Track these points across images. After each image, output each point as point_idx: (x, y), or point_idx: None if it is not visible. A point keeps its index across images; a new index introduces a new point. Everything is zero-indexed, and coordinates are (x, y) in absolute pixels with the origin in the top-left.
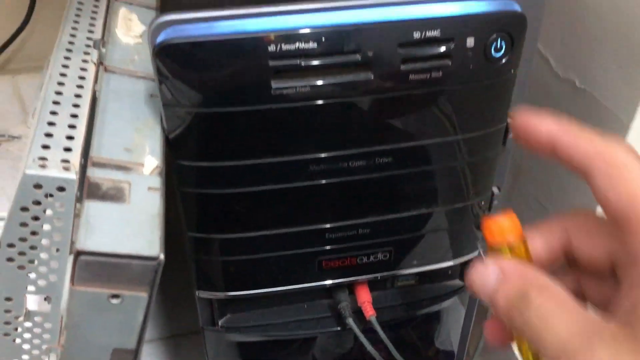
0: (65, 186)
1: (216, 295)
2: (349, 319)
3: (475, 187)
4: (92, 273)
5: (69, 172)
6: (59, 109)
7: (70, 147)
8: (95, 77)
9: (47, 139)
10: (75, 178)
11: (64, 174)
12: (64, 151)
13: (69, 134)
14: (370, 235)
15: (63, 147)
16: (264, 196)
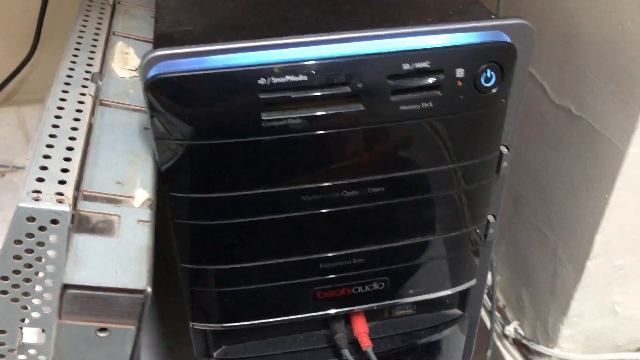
0: (59, 219)
1: (211, 327)
2: (345, 350)
3: (470, 216)
4: (79, 306)
5: (62, 204)
6: (55, 142)
7: (65, 180)
8: (92, 110)
9: (42, 172)
10: (69, 210)
11: (58, 207)
12: (58, 184)
13: (64, 167)
14: (365, 265)
15: (58, 180)
16: (257, 227)
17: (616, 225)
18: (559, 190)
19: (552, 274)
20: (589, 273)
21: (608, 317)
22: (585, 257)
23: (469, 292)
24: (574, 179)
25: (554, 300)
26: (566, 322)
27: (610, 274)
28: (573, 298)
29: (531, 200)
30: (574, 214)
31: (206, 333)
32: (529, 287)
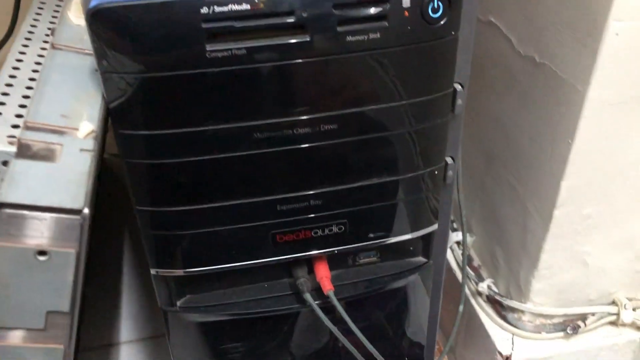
0: (9, 160)
1: (172, 273)
2: (307, 294)
3: (427, 156)
4: (15, 228)
5: (13, 146)
6: (12, 90)
7: (19, 124)
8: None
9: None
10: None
11: (8, 148)
12: (11, 128)
13: (19, 113)
14: (323, 207)
15: (11, 125)
16: (209, 166)
17: (581, 171)
18: (527, 142)
19: (523, 227)
20: (557, 223)
21: (578, 269)
22: (552, 206)
23: (432, 239)
24: (539, 128)
25: (525, 254)
26: (537, 275)
27: (579, 223)
28: (543, 250)
29: (502, 156)
30: (540, 163)
31: (169, 281)
32: (502, 244)
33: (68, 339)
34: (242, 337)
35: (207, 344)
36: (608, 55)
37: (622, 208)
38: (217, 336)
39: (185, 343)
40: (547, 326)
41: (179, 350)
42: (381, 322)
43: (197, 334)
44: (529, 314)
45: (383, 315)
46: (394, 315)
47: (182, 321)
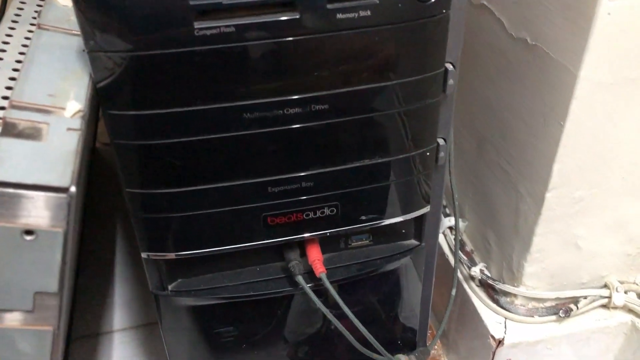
0: None
1: (163, 256)
2: (299, 276)
3: (418, 137)
4: (1, 207)
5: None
6: None
7: (4, 106)
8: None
9: None
10: None
11: None
12: None
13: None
14: (315, 189)
15: None
16: (199, 147)
17: (573, 153)
18: (518, 125)
19: (515, 211)
20: (549, 206)
21: (571, 253)
22: (544, 188)
23: (425, 221)
24: (531, 111)
25: (517, 237)
26: (529, 259)
27: (571, 206)
28: (535, 233)
29: (494, 140)
30: (532, 146)
31: (160, 265)
32: (495, 228)
33: (57, 320)
34: (235, 321)
35: (200, 328)
36: (600, 36)
37: (614, 191)
38: (209, 320)
39: (178, 328)
40: (540, 310)
41: (172, 336)
42: (373, 305)
43: (189, 318)
44: (522, 297)
45: (375, 299)
46: (386, 298)
47: (173, 305)
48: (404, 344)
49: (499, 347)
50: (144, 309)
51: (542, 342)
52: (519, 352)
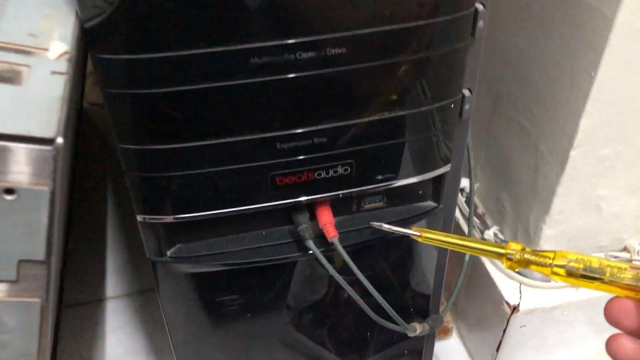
0: None
1: (161, 219)
2: (309, 241)
3: (443, 87)
4: None
5: None
6: None
7: None
8: None
9: None
10: None
11: None
12: None
13: None
14: (328, 146)
15: None
16: (200, 97)
17: (602, 107)
18: (541, 77)
19: (534, 170)
20: (572, 165)
21: (592, 214)
22: (569, 146)
23: (444, 181)
24: (556, 61)
25: (536, 199)
26: (548, 221)
27: (595, 166)
28: (555, 194)
29: (512, 94)
30: (556, 100)
31: (157, 229)
32: (510, 189)
33: (45, 291)
34: (239, 289)
35: (201, 296)
36: None
37: None
38: (211, 288)
39: (177, 296)
40: None
41: (170, 305)
42: (386, 271)
43: (190, 286)
44: None
45: (389, 265)
46: (400, 264)
47: (172, 273)
48: (416, 312)
49: (513, 313)
50: (138, 276)
51: (559, 308)
52: (534, 318)
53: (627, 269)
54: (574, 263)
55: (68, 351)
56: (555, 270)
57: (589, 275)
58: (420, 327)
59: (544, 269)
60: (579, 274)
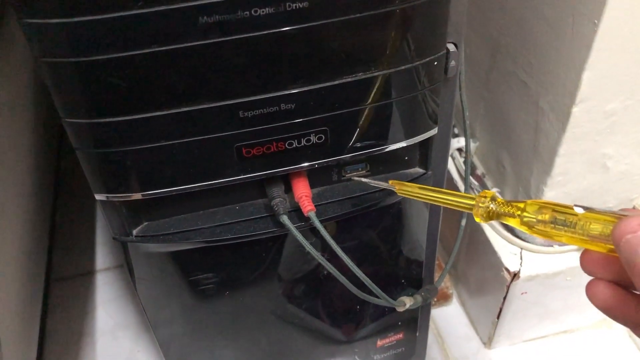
0: None
1: (124, 198)
2: (283, 215)
3: (424, 41)
4: None
5: None
6: None
7: None
8: None
9: None
10: None
11: None
12: None
13: None
14: (297, 112)
15: None
16: (148, 63)
17: (607, 58)
18: (540, 27)
19: (534, 129)
20: (575, 122)
21: (597, 174)
22: (571, 102)
23: (431, 145)
24: (557, 9)
25: (537, 159)
26: (550, 182)
27: (600, 122)
28: (557, 154)
29: (511, 47)
30: (557, 52)
31: (119, 208)
32: (510, 149)
33: None
34: (214, 267)
35: (174, 275)
36: None
37: None
38: (183, 266)
39: (150, 277)
40: None
41: (145, 286)
42: (374, 242)
43: (162, 265)
44: None
45: (376, 236)
46: (388, 235)
47: (141, 252)
48: (408, 283)
49: (514, 280)
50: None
51: (562, 274)
52: (536, 284)
53: (599, 219)
54: (541, 215)
55: (57, 325)
56: (525, 221)
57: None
58: (410, 300)
59: (513, 220)
60: (547, 225)
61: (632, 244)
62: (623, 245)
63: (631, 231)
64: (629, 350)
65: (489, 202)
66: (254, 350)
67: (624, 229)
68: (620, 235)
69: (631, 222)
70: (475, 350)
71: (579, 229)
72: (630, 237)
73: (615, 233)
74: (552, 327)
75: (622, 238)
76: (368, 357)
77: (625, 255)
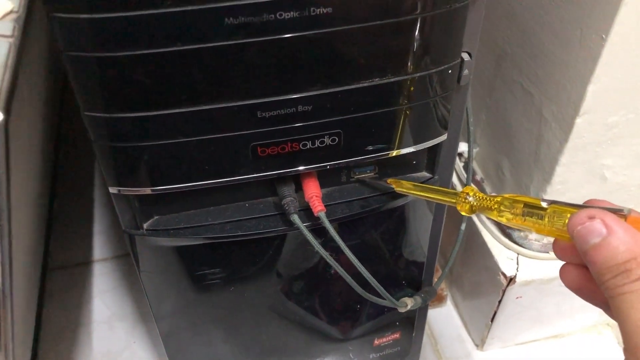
0: None
1: (137, 192)
2: (294, 215)
3: (440, 50)
4: None
5: None
6: None
7: None
8: None
9: None
10: None
11: None
12: None
13: None
14: (313, 114)
15: None
16: (172, 61)
17: (612, 72)
18: (548, 39)
19: (537, 137)
20: (577, 132)
21: (595, 184)
22: (575, 113)
23: (439, 151)
24: (565, 22)
25: (538, 167)
26: (550, 190)
27: (602, 134)
28: (558, 163)
29: (515, 55)
30: (563, 63)
31: (132, 201)
32: (511, 156)
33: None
34: (221, 262)
35: (180, 269)
36: None
37: None
38: (191, 261)
39: (157, 270)
40: None
41: (150, 279)
42: (377, 244)
43: (169, 259)
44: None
45: (380, 237)
46: (392, 237)
47: (150, 246)
48: (408, 284)
49: (509, 284)
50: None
51: (557, 280)
52: (531, 289)
53: (563, 211)
54: (515, 209)
55: (54, 315)
56: (502, 215)
57: (531, 217)
58: (411, 301)
59: (491, 213)
60: (519, 218)
61: (581, 234)
62: (575, 236)
63: (580, 223)
64: (617, 355)
65: (472, 197)
66: (252, 345)
67: (575, 221)
68: (572, 227)
69: (581, 215)
70: (467, 352)
71: (546, 221)
72: (580, 229)
73: (569, 225)
74: (544, 331)
75: (574, 229)
76: (363, 356)
77: (578, 243)
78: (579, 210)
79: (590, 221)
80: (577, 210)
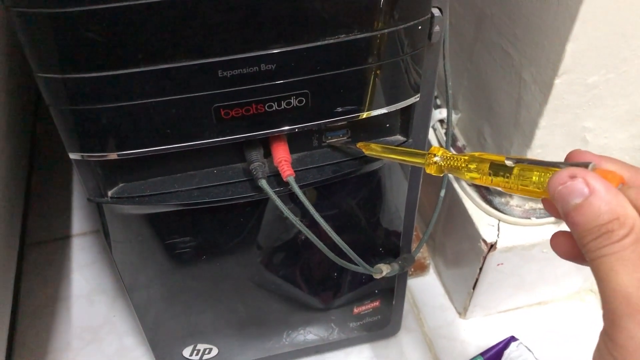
0: None
1: (99, 157)
2: (262, 180)
3: (408, 5)
4: None
5: None
6: None
7: None
8: None
9: None
10: None
11: None
12: None
13: None
14: (278, 73)
15: None
16: (125, 17)
17: (592, 30)
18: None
19: (516, 100)
20: (557, 94)
21: (576, 147)
22: (554, 74)
23: (413, 113)
24: None
25: (517, 130)
26: (530, 154)
27: (582, 95)
28: (538, 126)
29: (496, 17)
30: (542, 23)
31: (95, 168)
32: (491, 121)
33: None
34: (191, 230)
35: (150, 238)
36: None
37: (631, 76)
38: (160, 229)
39: (126, 240)
40: (538, 211)
41: (120, 249)
42: (352, 210)
43: (138, 228)
44: (518, 198)
45: (354, 203)
46: (367, 202)
47: (117, 214)
48: (386, 251)
49: (490, 251)
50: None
51: (538, 246)
52: (513, 255)
53: (530, 170)
54: (482, 168)
55: (32, 289)
56: (469, 174)
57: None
58: (387, 268)
59: (460, 172)
60: (487, 176)
61: (562, 194)
62: (556, 196)
63: (561, 182)
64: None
65: (439, 156)
66: (230, 316)
67: (556, 180)
68: (553, 187)
69: (562, 174)
70: (450, 321)
71: (513, 179)
72: (561, 189)
73: (549, 185)
74: (526, 299)
75: (555, 190)
76: (344, 324)
77: (559, 205)
78: (561, 170)
79: (571, 180)
80: (541, 169)
